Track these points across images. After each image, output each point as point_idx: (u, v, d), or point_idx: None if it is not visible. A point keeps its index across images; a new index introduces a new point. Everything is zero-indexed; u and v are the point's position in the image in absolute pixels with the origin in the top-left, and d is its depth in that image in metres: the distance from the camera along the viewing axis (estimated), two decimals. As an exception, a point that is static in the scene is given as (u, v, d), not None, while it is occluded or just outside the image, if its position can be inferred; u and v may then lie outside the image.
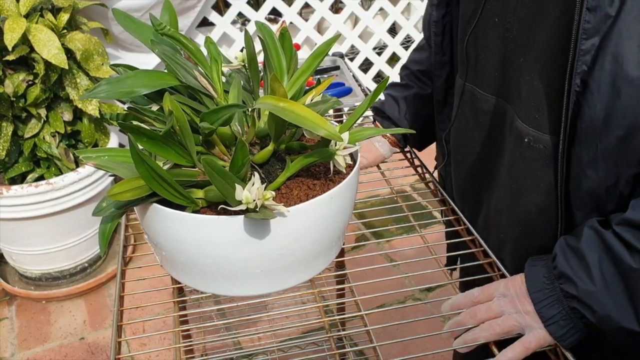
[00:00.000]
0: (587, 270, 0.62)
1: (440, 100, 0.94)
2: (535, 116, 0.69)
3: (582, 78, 0.60)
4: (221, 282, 0.63)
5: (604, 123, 0.60)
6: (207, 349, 1.66)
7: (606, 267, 0.61)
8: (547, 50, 0.65)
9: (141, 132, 0.56)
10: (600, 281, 0.61)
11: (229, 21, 2.52)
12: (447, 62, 0.90)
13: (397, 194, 0.99)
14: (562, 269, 0.64)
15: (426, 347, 1.65)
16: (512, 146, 0.74)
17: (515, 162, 0.74)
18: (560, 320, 0.64)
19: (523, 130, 0.71)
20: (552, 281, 0.65)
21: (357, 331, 0.86)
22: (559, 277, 0.64)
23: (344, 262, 1.36)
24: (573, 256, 0.64)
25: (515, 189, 0.75)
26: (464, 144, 0.88)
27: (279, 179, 0.64)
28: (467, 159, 0.88)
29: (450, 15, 0.86)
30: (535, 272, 0.67)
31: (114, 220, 0.61)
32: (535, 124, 0.69)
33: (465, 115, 0.85)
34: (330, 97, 0.71)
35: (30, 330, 1.97)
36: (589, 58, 0.59)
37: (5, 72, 1.75)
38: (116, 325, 0.70)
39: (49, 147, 1.88)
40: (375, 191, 1.02)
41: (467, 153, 0.87)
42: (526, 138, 0.71)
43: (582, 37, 0.58)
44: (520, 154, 0.73)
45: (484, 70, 0.78)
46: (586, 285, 0.62)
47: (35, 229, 1.93)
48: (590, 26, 0.58)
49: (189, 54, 0.67)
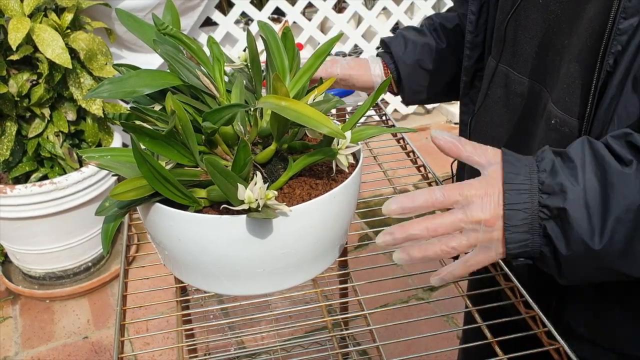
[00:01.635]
0: (572, 170, 0.56)
1: (468, 82, 0.91)
2: (565, 98, 0.67)
3: (615, 58, 0.58)
4: (224, 281, 0.63)
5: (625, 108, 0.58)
6: (210, 348, 1.67)
7: (589, 170, 0.56)
8: (588, 35, 0.63)
9: (144, 132, 0.56)
10: (582, 180, 0.56)
11: (232, 21, 2.52)
12: (480, 43, 0.87)
13: (399, 194, 0.99)
14: (551, 159, 0.58)
15: (429, 347, 1.65)
16: (542, 131, 0.72)
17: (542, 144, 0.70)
18: (522, 211, 0.56)
19: (552, 112, 0.69)
20: (532, 171, 0.58)
21: (360, 330, 0.86)
22: (542, 170, 0.57)
23: (347, 261, 1.36)
24: (559, 157, 0.58)
25: None
26: (490, 128, 0.84)
27: (282, 178, 0.64)
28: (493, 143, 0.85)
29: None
30: (517, 158, 0.60)
31: (116, 220, 0.61)
32: (563, 106, 0.67)
33: (495, 98, 0.82)
34: (333, 96, 0.71)
35: (34, 329, 1.98)
36: (625, 38, 0.57)
37: (9, 71, 1.76)
38: (119, 325, 0.70)
39: (53, 146, 1.89)
40: (378, 190, 1.02)
41: (494, 137, 0.83)
42: (553, 120, 0.68)
43: (621, 16, 0.57)
44: (547, 135, 0.70)
45: (522, 52, 0.76)
46: (569, 181, 0.56)
47: (38, 228, 1.94)
48: (630, 5, 0.56)
49: (191, 53, 0.67)
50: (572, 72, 0.66)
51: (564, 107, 0.67)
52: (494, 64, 0.82)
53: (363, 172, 0.80)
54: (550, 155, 0.58)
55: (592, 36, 0.63)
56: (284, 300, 1.62)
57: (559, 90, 0.68)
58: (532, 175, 0.57)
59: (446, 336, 1.75)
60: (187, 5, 2.25)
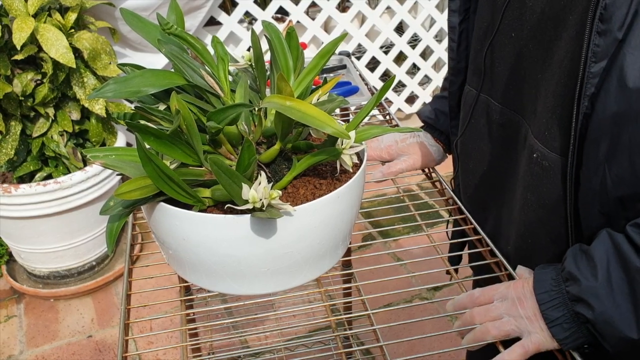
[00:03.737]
0: (592, 269, 0.61)
1: (454, 106, 0.94)
2: (545, 133, 0.69)
3: (590, 101, 0.60)
4: (228, 280, 0.63)
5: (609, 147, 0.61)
6: (214, 347, 1.67)
7: (613, 267, 0.60)
8: (560, 71, 0.65)
9: (148, 132, 0.56)
10: (604, 279, 0.60)
11: (235, 20, 2.52)
12: (462, 68, 0.90)
13: (403, 193, 0.99)
14: (569, 269, 0.63)
15: (433, 347, 1.64)
16: (526, 160, 0.74)
17: (526, 175, 0.74)
18: (563, 323, 0.63)
19: (534, 145, 0.71)
20: (559, 283, 0.64)
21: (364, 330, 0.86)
22: (566, 280, 0.64)
23: (351, 261, 1.36)
24: (582, 258, 0.63)
25: (526, 202, 0.75)
26: (475, 154, 0.88)
27: (286, 178, 0.64)
28: (478, 169, 0.87)
29: (467, 22, 0.86)
30: (544, 275, 0.66)
31: (121, 219, 0.62)
32: (544, 141, 0.69)
33: (478, 125, 0.85)
34: (337, 96, 0.71)
35: (39, 328, 1.98)
36: (596, 81, 0.59)
37: (13, 71, 1.76)
38: (123, 324, 0.71)
39: (57, 146, 1.89)
40: (382, 190, 1.02)
41: (478, 163, 0.87)
42: (535, 154, 0.71)
43: (591, 60, 0.59)
44: (530, 168, 0.73)
45: (500, 82, 0.78)
46: (588, 282, 0.61)
47: (43, 227, 1.94)
48: (599, 50, 0.58)
49: (195, 53, 0.67)
50: (548, 106, 0.68)
51: (545, 142, 0.69)
52: (473, 93, 0.84)
53: (367, 172, 0.80)
54: (569, 263, 0.64)
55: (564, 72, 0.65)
56: (288, 300, 1.62)
57: (538, 124, 0.70)
58: (561, 286, 0.64)
59: (450, 336, 1.75)
60: (192, 5, 2.25)
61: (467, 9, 0.85)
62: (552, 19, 0.66)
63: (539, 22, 0.69)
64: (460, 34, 0.87)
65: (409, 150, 0.98)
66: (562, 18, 0.64)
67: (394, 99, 3.05)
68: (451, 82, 0.92)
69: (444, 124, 1.00)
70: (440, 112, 1.01)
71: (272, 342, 1.73)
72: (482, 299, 0.69)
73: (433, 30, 2.96)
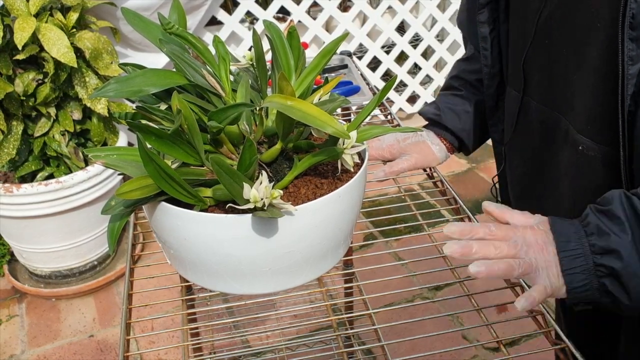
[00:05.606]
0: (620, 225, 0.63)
1: (492, 106, 0.97)
2: (588, 127, 0.74)
3: (633, 99, 0.66)
4: (229, 280, 0.64)
5: None
6: (215, 347, 1.67)
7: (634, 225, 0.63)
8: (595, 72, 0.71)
9: (149, 131, 0.56)
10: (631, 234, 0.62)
11: (237, 20, 2.53)
12: (497, 72, 0.94)
13: (405, 193, 0.98)
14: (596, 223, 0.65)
15: (434, 346, 1.64)
16: (569, 153, 0.78)
17: (571, 169, 0.78)
18: (580, 273, 0.64)
19: (578, 139, 0.76)
20: (581, 236, 0.65)
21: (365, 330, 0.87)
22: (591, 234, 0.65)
23: (352, 260, 1.36)
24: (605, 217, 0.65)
25: (573, 195, 0.79)
26: (520, 152, 0.92)
27: (287, 177, 0.64)
28: (524, 166, 0.91)
29: (497, 31, 0.91)
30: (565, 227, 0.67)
31: (122, 219, 0.62)
32: (588, 134, 0.74)
33: (522, 124, 0.89)
34: (338, 95, 0.71)
35: (40, 327, 1.98)
36: (635, 81, 0.65)
37: (15, 71, 1.77)
38: (125, 323, 0.71)
39: (59, 145, 1.89)
40: (383, 190, 1.02)
41: (524, 160, 0.91)
42: (580, 146, 0.75)
43: (628, 63, 0.65)
44: (576, 160, 0.77)
45: (537, 84, 0.84)
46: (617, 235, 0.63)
47: (45, 227, 1.94)
48: (634, 54, 0.65)
49: (197, 53, 0.67)
50: (587, 104, 0.74)
51: (589, 135, 0.75)
52: (515, 95, 0.89)
53: (368, 172, 0.80)
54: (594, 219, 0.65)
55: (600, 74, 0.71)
56: (289, 299, 1.62)
57: (580, 119, 0.76)
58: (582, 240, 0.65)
59: (451, 336, 1.75)
60: (193, 4, 2.25)
61: (496, 18, 0.91)
62: (583, 26, 0.72)
63: (570, 30, 0.75)
64: (492, 42, 0.92)
65: (411, 150, 0.98)
66: (592, 26, 0.71)
67: (396, 99, 3.05)
68: (488, 85, 0.96)
69: (450, 121, 1.01)
70: (447, 109, 1.02)
71: (273, 341, 1.73)
72: (500, 234, 0.68)
73: (434, 30, 2.96)
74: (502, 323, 0.96)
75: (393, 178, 0.98)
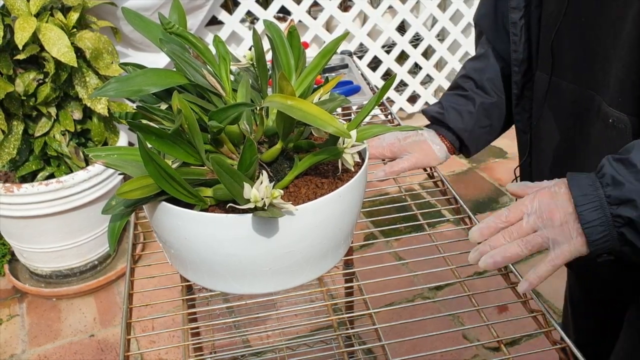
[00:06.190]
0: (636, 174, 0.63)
1: (518, 94, 0.97)
2: (619, 99, 0.75)
3: None
4: (229, 280, 0.64)
5: None
6: (215, 346, 1.67)
7: None
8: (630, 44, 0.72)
9: (150, 131, 0.56)
10: None
11: (237, 20, 2.53)
12: (525, 59, 0.94)
13: (405, 193, 0.98)
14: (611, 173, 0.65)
15: (435, 346, 1.64)
16: (599, 129, 0.79)
17: (601, 144, 0.79)
18: (598, 226, 0.65)
19: (609, 112, 0.76)
20: (597, 188, 0.66)
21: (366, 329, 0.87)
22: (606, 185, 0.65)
23: (353, 260, 1.36)
24: (621, 165, 0.65)
25: None
26: (548, 135, 0.92)
27: (287, 177, 0.64)
28: (551, 148, 0.91)
29: (527, 16, 0.91)
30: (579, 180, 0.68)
31: (123, 219, 0.62)
32: (619, 106, 0.75)
33: (550, 107, 0.89)
34: (339, 95, 0.71)
35: (41, 327, 1.99)
36: None
37: (15, 71, 1.77)
38: (125, 323, 0.71)
39: (59, 145, 1.89)
40: (384, 189, 1.02)
41: (552, 142, 0.91)
42: (611, 119, 0.76)
43: None
44: (606, 133, 0.77)
45: (571, 64, 0.84)
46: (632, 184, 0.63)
47: (45, 226, 1.94)
48: None
49: (197, 52, 0.67)
50: (620, 76, 0.75)
51: (620, 107, 0.75)
52: (545, 77, 0.89)
53: (368, 171, 0.80)
54: (609, 169, 0.65)
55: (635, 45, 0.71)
56: (290, 299, 1.62)
57: (612, 93, 0.76)
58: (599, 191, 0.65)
59: (452, 335, 1.75)
60: (193, 4, 2.25)
61: (527, 4, 0.90)
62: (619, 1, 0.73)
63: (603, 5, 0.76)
64: (521, 28, 0.92)
65: (411, 149, 0.98)
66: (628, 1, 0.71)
67: (396, 99, 3.05)
68: (515, 72, 0.96)
69: (452, 120, 1.00)
70: (450, 108, 1.02)
71: (273, 341, 1.73)
72: (512, 216, 0.69)
73: (435, 30, 2.96)
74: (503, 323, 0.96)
75: (393, 178, 0.98)
